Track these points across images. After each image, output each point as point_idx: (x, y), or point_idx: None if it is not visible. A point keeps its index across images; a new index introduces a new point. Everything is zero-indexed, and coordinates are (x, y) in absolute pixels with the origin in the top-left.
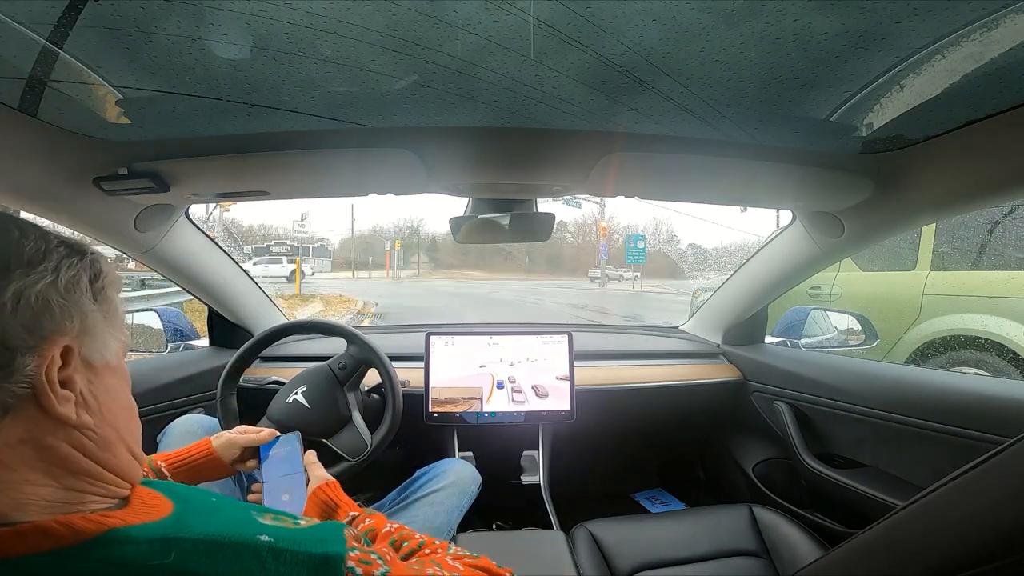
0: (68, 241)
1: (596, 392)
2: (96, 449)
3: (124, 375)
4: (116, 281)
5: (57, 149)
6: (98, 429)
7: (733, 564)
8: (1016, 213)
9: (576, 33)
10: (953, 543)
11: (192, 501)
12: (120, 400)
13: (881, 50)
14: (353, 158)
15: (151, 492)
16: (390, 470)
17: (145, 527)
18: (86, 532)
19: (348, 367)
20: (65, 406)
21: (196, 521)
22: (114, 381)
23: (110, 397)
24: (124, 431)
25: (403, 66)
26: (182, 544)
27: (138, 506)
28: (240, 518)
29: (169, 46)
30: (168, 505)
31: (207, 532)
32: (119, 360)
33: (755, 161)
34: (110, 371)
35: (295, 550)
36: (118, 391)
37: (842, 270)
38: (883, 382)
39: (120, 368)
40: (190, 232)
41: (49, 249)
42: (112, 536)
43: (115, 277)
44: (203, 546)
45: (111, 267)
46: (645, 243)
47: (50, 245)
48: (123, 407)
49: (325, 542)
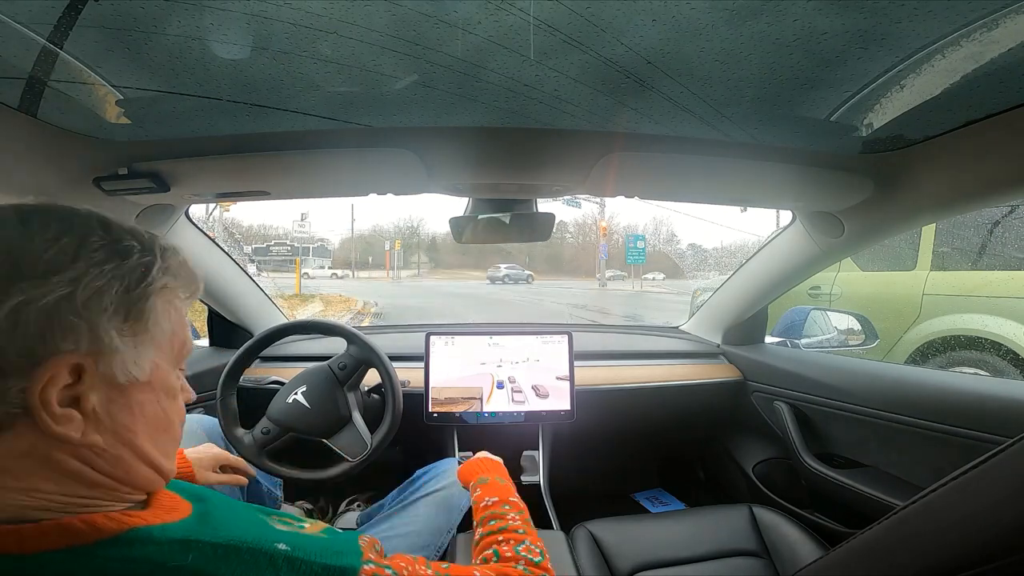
0: (119, 238)
1: (596, 392)
2: (106, 465)
3: (164, 388)
4: (171, 294)
5: (57, 149)
6: (109, 448)
7: (733, 564)
8: (1016, 213)
9: (576, 33)
10: (953, 543)
11: (209, 502)
12: (150, 415)
13: (881, 50)
14: (353, 158)
15: (168, 493)
16: (390, 470)
17: (166, 527)
18: (108, 530)
19: (348, 367)
20: (65, 426)
21: (215, 523)
22: (146, 396)
23: (134, 414)
24: (148, 445)
25: (403, 66)
26: (201, 547)
27: (159, 506)
28: (257, 522)
29: (169, 46)
30: (187, 506)
31: (226, 536)
32: (158, 374)
33: (755, 161)
34: (140, 387)
35: (310, 560)
36: (149, 406)
37: (842, 270)
38: (883, 382)
39: (158, 381)
40: (190, 232)
41: (81, 252)
42: (133, 535)
43: (173, 288)
44: (221, 550)
45: (173, 266)
46: (645, 243)
47: (87, 247)
48: (152, 422)
49: (341, 554)
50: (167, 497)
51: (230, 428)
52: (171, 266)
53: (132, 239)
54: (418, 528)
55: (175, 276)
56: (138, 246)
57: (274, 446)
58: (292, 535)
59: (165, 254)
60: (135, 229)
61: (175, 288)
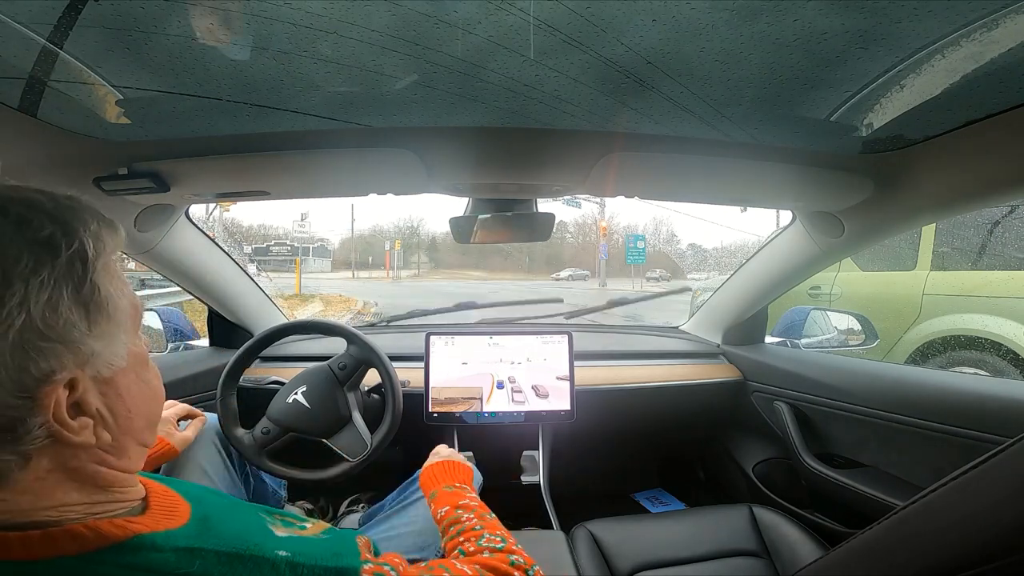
0: (29, 226)
1: (596, 392)
2: (115, 460)
3: (139, 361)
4: (109, 263)
5: (57, 149)
6: (116, 439)
7: (733, 564)
8: (1016, 213)
9: (576, 33)
10: (953, 543)
11: (207, 503)
12: (137, 394)
13: (881, 50)
14: (353, 158)
15: (166, 491)
16: (390, 470)
17: (169, 535)
18: (113, 537)
19: (348, 367)
20: (83, 434)
21: (217, 530)
22: (129, 379)
23: (125, 399)
24: (141, 424)
25: (403, 66)
26: (206, 555)
27: (158, 510)
28: (258, 527)
29: (169, 46)
30: (185, 508)
31: (229, 544)
32: (131, 354)
33: (755, 161)
34: (122, 373)
35: (312, 564)
36: (134, 386)
37: (842, 270)
38: (883, 382)
39: (132, 359)
40: (190, 232)
41: (8, 270)
42: (138, 542)
43: (107, 256)
44: (225, 558)
45: (100, 238)
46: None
47: (6, 263)
48: (140, 399)
49: (340, 555)
50: (166, 497)
51: (230, 428)
52: (94, 231)
53: (41, 217)
54: (418, 528)
55: (104, 242)
56: (55, 230)
57: (274, 446)
58: (292, 540)
59: (83, 220)
60: (35, 201)
61: (110, 254)
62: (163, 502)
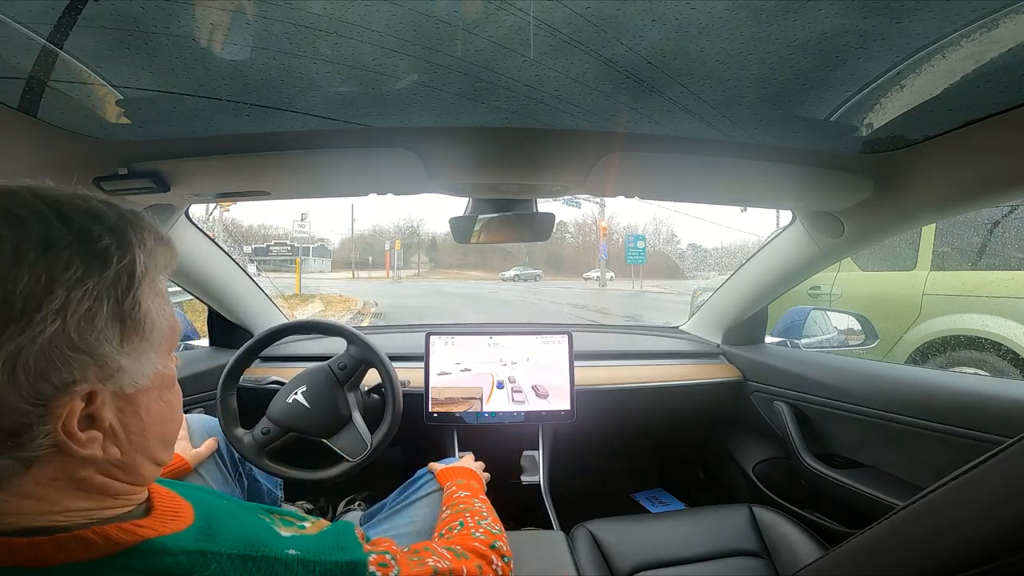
0: (86, 234)
1: (596, 392)
2: (124, 474)
3: (164, 382)
4: (155, 282)
5: (57, 149)
6: (126, 456)
7: (733, 564)
8: (1016, 213)
9: (576, 33)
10: (953, 543)
11: (208, 504)
12: (156, 414)
13: (881, 50)
14: (353, 158)
15: (169, 493)
16: (390, 470)
17: (177, 538)
18: (122, 542)
19: (348, 367)
20: (91, 448)
21: (224, 532)
22: (151, 397)
23: (142, 419)
24: (155, 443)
25: (403, 66)
26: (219, 558)
27: (162, 512)
28: (263, 527)
29: (169, 46)
30: (188, 510)
31: (240, 547)
32: (158, 374)
33: (755, 161)
34: (144, 391)
35: (321, 560)
36: (154, 405)
37: (842, 270)
38: (883, 382)
39: (158, 379)
40: (190, 232)
41: (56, 273)
42: (147, 547)
43: (156, 274)
44: (238, 560)
45: (154, 255)
46: (645, 243)
47: (58, 264)
48: (159, 419)
49: (345, 548)
50: (168, 499)
51: (230, 428)
52: (149, 248)
53: (101, 229)
54: (419, 528)
55: (155, 257)
56: (112, 242)
57: (274, 446)
58: (298, 539)
59: (141, 236)
60: (96, 209)
61: (158, 270)
62: (166, 504)
